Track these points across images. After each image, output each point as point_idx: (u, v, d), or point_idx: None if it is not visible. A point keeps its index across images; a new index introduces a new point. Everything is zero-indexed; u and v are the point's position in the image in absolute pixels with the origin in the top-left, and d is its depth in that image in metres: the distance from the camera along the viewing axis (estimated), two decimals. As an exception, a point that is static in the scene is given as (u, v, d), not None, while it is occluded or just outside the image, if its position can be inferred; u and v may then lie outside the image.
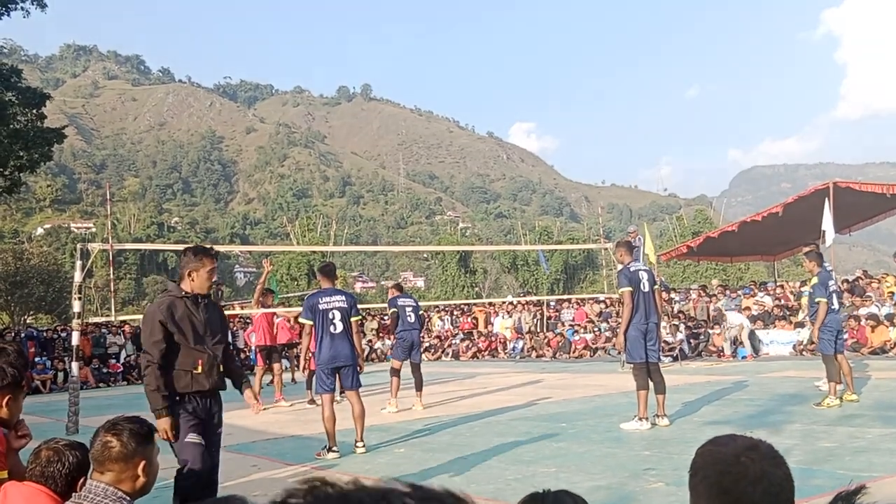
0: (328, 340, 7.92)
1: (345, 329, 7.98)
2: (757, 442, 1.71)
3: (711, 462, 1.70)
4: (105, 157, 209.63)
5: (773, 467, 1.67)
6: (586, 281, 57.83)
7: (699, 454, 1.75)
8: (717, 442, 1.74)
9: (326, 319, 7.93)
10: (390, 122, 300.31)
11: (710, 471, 1.69)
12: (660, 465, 6.52)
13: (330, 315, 7.93)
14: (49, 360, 22.68)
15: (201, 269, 4.73)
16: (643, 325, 8.77)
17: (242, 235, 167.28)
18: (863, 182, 20.79)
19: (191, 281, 4.74)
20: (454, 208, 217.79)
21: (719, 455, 1.70)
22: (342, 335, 7.95)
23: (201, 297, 4.77)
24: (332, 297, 8.07)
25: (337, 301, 8.04)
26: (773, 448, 1.72)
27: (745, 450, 1.67)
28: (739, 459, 1.65)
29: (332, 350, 7.91)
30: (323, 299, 8.04)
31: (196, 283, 4.74)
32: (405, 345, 11.64)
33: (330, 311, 7.94)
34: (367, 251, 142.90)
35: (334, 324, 7.93)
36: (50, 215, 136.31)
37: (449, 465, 7.16)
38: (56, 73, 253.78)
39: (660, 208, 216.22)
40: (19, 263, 47.00)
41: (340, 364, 7.96)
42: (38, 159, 24.48)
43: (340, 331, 7.94)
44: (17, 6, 24.13)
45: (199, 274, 4.73)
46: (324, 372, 7.98)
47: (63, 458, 2.74)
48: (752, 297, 22.00)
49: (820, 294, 9.76)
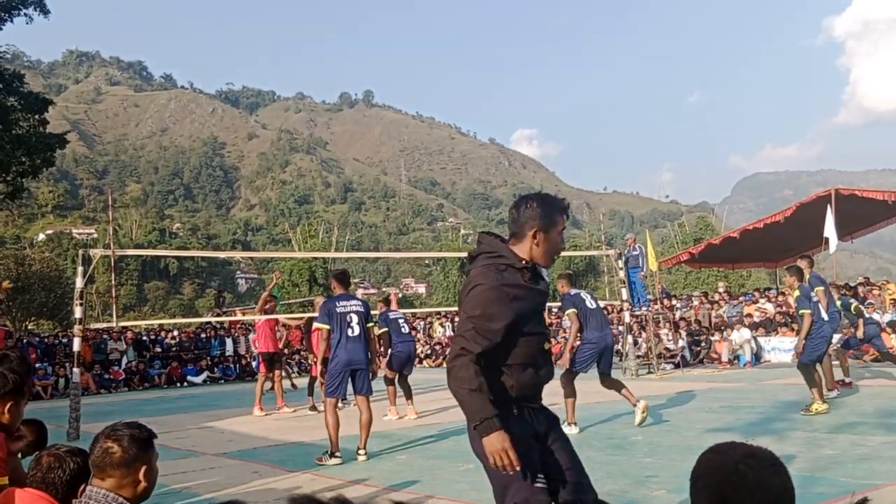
0: (345, 343, 7.94)
1: (362, 332, 8.04)
2: (756, 450, 1.71)
3: (711, 470, 1.71)
4: (107, 162, 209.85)
5: (773, 475, 1.67)
6: (588, 287, 57.77)
7: (700, 462, 1.76)
8: (717, 450, 1.75)
9: (344, 322, 7.97)
10: (392, 128, 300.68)
11: (709, 479, 1.70)
12: (662, 473, 6.50)
13: (348, 318, 7.98)
14: (50, 365, 22.66)
15: (552, 231, 3.24)
16: (599, 339, 9.24)
17: (244, 242, 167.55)
18: (865, 189, 20.77)
19: (534, 245, 3.21)
20: (456, 215, 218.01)
21: (719, 463, 1.70)
22: (358, 338, 8.00)
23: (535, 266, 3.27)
24: (348, 302, 8.14)
25: (354, 305, 8.12)
26: (774, 456, 1.72)
27: (744, 458, 1.68)
28: (738, 467, 1.66)
29: (348, 353, 7.93)
30: (340, 303, 8.08)
31: (541, 248, 3.22)
32: (402, 357, 11.51)
33: (348, 315, 8.00)
34: (369, 257, 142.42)
35: (352, 327, 7.97)
36: (52, 221, 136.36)
37: (451, 472, 7.14)
38: (59, 79, 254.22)
39: (661, 215, 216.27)
40: (21, 269, 47.05)
41: (356, 367, 7.99)
42: (40, 165, 24.51)
43: (358, 334, 8.00)
44: (20, 12, 24.22)
45: (550, 236, 3.24)
46: (336, 375, 7.95)
47: (64, 465, 2.73)
48: (753, 303, 21.97)
49: (803, 306, 9.77)
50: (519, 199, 3.33)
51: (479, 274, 3.14)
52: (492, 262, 3.16)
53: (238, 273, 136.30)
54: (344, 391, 8.07)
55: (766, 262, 28.19)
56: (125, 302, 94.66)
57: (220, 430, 11.80)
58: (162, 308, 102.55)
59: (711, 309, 22.60)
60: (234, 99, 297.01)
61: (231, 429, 11.78)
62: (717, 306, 22.67)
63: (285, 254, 68.02)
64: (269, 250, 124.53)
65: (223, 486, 7.25)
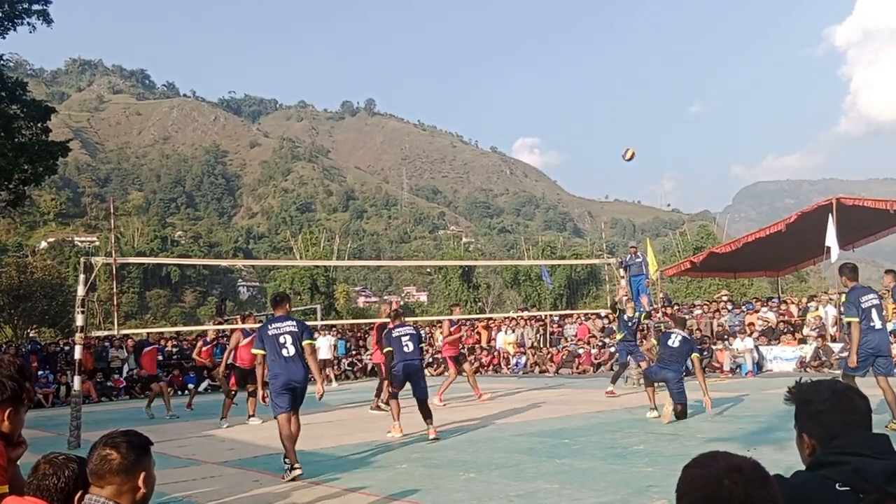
0: (282, 363, 8.14)
1: (297, 352, 8.21)
2: (740, 461, 1.66)
3: (695, 486, 1.66)
4: (109, 170, 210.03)
5: (758, 489, 1.62)
6: (589, 296, 57.66)
7: (683, 477, 1.71)
8: (700, 464, 1.70)
9: (278, 344, 8.18)
10: (394, 136, 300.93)
11: (694, 495, 1.65)
12: (663, 482, 6.48)
13: (281, 339, 8.20)
14: (52, 373, 22.65)
15: None
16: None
17: (246, 250, 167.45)
18: (866, 198, 20.75)
19: None
20: (457, 223, 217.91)
21: (702, 479, 1.65)
22: (294, 358, 8.19)
23: None
24: (282, 324, 8.35)
25: (287, 327, 8.32)
26: (759, 467, 1.66)
27: (727, 472, 1.63)
28: (723, 483, 1.62)
29: (286, 372, 8.12)
30: (272, 326, 8.36)
31: None
32: (399, 376, 10.58)
33: (280, 336, 8.22)
34: (371, 266, 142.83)
35: (286, 347, 8.18)
36: (54, 229, 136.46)
37: (451, 481, 7.13)
38: (61, 87, 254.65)
39: (663, 223, 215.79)
40: (23, 277, 47.01)
41: (294, 385, 8.15)
42: (42, 173, 24.55)
43: (293, 354, 8.19)
44: (24, 21, 24.31)
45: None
46: (278, 393, 8.09)
47: (59, 473, 2.72)
48: (755, 312, 21.94)
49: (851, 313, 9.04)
50: None
51: None
52: None
53: (240, 281, 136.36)
54: (288, 407, 8.09)
55: (768, 270, 28.17)
56: (126, 310, 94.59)
57: (221, 438, 11.79)
58: (163, 316, 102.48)
59: (713, 318, 22.57)
60: (236, 107, 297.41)
61: (231, 437, 11.77)
62: (720, 314, 22.64)
63: (287, 262, 67.98)
64: (271, 258, 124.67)
65: (223, 494, 7.24)
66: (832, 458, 2.07)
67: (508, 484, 6.83)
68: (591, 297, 56.91)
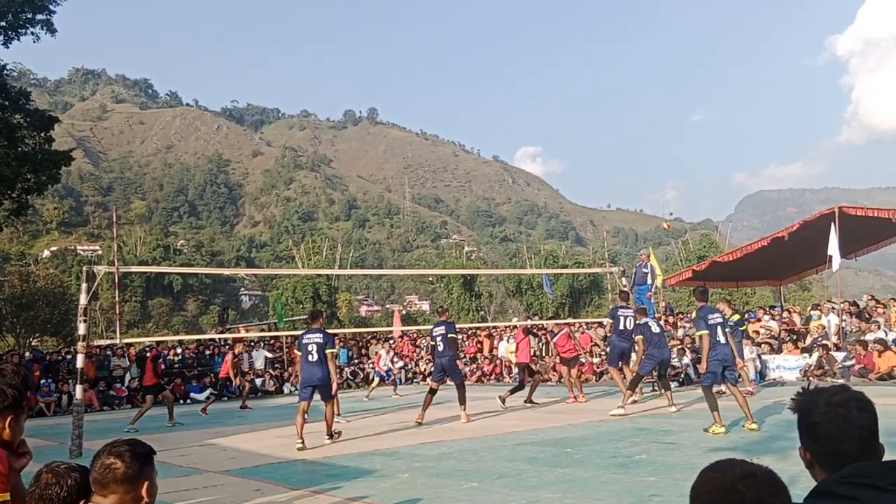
0: (307, 366, 10.99)
1: (319, 359, 10.93)
2: (755, 468, 1.69)
3: (709, 489, 1.69)
4: (112, 179, 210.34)
5: (771, 495, 1.65)
6: (591, 305, 57.59)
7: (698, 480, 1.75)
8: (716, 468, 1.73)
9: (306, 351, 10.99)
10: (396, 145, 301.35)
11: (707, 497, 1.69)
12: (665, 491, 6.47)
13: (309, 347, 10.97)
14: (54, 382, 22.64)
15: None
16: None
17: (248, 258, 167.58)
18: (868, 207, 20.75)
19: None
20: (459, 232, 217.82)
21: (717, 482, 1.69)
22: (316, 363, 10.93)
23: None
24: (312, 336, 11.07)
25: (315, 338, 11.02)
26: (773, 475, 1.70)
27: (742, 477, 1.66)
28: (736, 487, 1.64)
29: (307, 373, 11.02)
30: (306, 336, 11.15)
31: None
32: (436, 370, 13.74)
33: (309, 345, 10.99)
34: (373, 274, 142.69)
35: (312, 354, 10.95)
36: (56, 237, 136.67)
37: (453, 491, 7.11)
38: (64, 97, 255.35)
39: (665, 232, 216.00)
40: (25, 285, 47.04)
41: (314, 384, 10.94)
42: (45, 182, 24.56)
43: (315, 359, 10.94)
44: (27, 31, 24.37)
45: None
46: (303, 387, 11.14)
47: (61, 482, 2.71)
48: (757, 321, 21.90)
49: (701, 328, 10.46)
50: None
51: None
52: None
53: (242, 290, 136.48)
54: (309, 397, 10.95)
55: (771, 279, 28.13)
56: (129, 318, 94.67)
57: (223, 447, 11.78)
58: (166, 325, 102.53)
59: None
60: (238, 116, 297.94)
61: (233, 446, 11.76)
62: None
63: (289, 271, 68.04)
64: (273, 267, 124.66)
65: (225, 503, 7.23)
66: (842, 491, 1.87)
67: (510, 493, 6.81)
68: (593, 306, 56.84)
